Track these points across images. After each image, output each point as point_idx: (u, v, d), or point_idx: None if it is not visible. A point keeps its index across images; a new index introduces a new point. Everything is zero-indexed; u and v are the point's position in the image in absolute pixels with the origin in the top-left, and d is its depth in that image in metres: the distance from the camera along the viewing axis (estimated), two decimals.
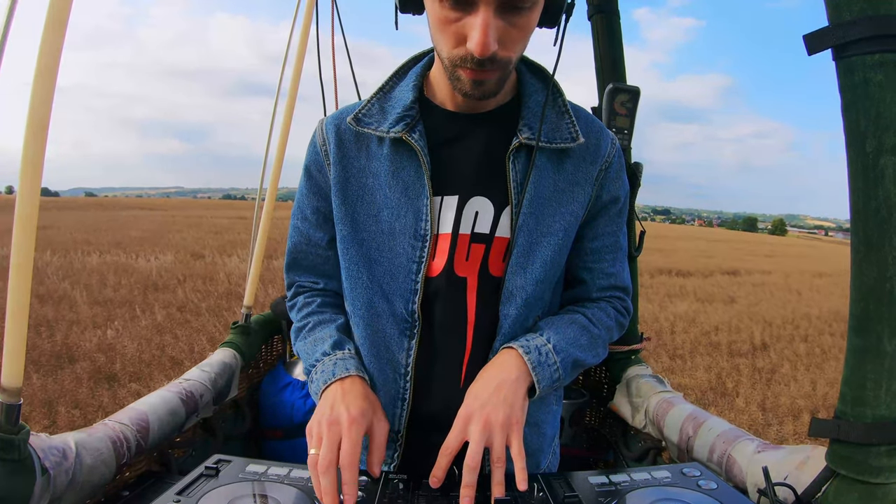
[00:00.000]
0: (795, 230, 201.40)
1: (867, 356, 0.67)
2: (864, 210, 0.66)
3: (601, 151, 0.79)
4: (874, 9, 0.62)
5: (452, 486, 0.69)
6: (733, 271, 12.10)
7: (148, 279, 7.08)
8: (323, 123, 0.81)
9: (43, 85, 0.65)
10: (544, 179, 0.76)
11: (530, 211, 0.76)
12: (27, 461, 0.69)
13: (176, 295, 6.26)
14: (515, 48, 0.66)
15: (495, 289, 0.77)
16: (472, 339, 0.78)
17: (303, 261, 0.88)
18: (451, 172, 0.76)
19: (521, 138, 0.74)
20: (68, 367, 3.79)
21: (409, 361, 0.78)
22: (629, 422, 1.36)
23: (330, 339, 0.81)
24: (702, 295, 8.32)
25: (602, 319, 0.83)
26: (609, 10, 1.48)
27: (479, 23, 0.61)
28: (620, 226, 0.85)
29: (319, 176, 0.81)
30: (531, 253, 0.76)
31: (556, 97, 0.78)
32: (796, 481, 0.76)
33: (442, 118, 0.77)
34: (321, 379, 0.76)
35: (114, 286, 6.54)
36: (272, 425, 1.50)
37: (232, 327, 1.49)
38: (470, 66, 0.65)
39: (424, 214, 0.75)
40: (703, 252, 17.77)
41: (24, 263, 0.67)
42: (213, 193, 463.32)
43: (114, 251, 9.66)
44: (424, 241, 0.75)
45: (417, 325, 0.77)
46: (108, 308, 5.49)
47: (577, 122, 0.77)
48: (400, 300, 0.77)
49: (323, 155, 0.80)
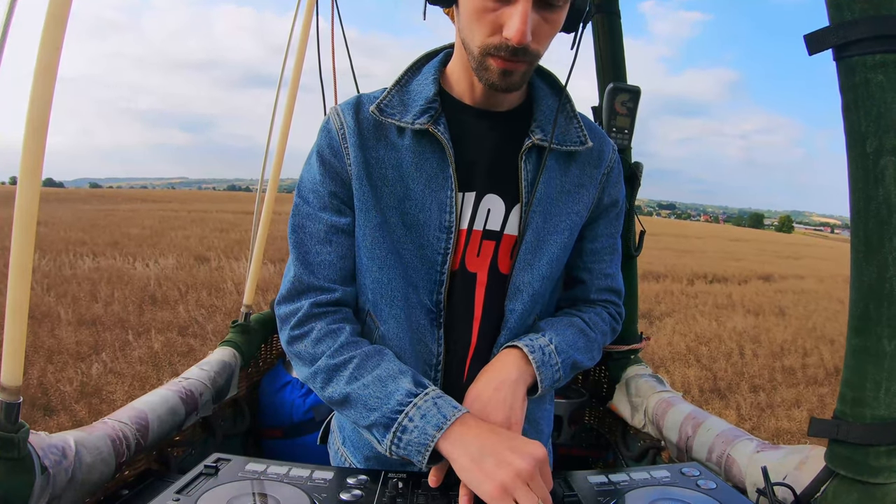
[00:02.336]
0: (801, 227, 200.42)
1: (867, 356, 0.67)
2: (864, 210, 0.66)
3: (604, 156, 0.83)
4: (875, 9, 0.62)
5: (451, 486, 0.69)
6: (767, 276, 11.69)
7: (145, 290, 6.13)
8: (338, 109, 0.78)
9: (43, 80, 0.65)
10: (553, 180, 0.79)
11: (539, 209, 0.78)
12: (27, 460, 0.69)
13: (177, 312, 5.35)
14: (544, 43, 0.69)
15: (502, 285, 0.79)
16: (478, 334, 0.80)
17: (316, 257, 0.77)
18: (471, 169, 0.77)
19: (533, 139, 0.76)
20: (42, 422, 2.97)
21: (440, 351, 0.79)
22: (629, 421, 1.36)
23: (407, 375, 0.71)
24: (750, 306, 7.91)
25: (598, 324, 0.86)
26: (610, 9, 1.48)
27: (520, 12, 0.63)
28: (618, 229, 0.89)
29: (335, 161, 0.76)
30: (538, 250, 0.79)
31: (564, 102, 0.80)
32: (795, 481, 0.76)
33: (461, 113, 0.78)
34: (431, 424, 0.65)
35: (105, 299, 5.59)
36: (272, 424, 1.50)
37: (232, 326, 1.49)
38: (503, 56, 0.67)
39: (448, 207, 0.75)
40: (728, 253, 17.34)
41: (24, 262, 0.67)
42: (218, 184, 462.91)
43: (109, 253, 8.60)
44: (449, 233, 0.76)
45: (443, 315, 0.78)
46: (96, 331, 4.55)
47: (584, 128, 0.80)
48: (425, 291, 0.77)
49: (340, 139, 0.76)
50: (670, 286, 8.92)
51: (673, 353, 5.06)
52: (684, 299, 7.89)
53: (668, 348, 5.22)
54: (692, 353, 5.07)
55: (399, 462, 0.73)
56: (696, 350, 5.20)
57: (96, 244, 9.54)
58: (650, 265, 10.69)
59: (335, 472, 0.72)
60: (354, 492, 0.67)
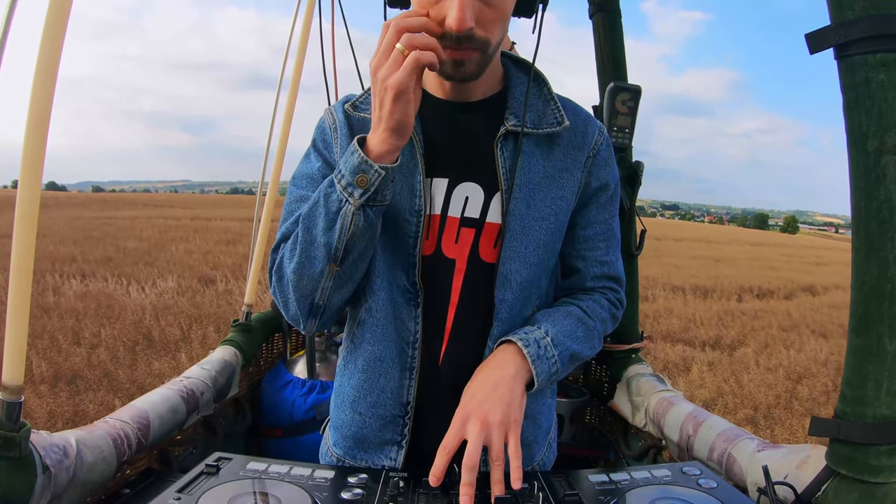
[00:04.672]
0: (805, 227, 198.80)
1: (868, 356, 0.67)
2: (865, 210, 0.66)
3: (588, 139, 0.82)
4: (876, 8, 0.62)
5: (452, 485, 0.70)
6: (809, 287, 10.84)
7: (139, 327, 4.87)
8: (331, 108, 0.85)
9: (44, 79, 0.65)
10: (534, 166, 0.79)
11: (521, 196, 0.78)
12: (28, 459, 0.69)
13: (178, 361, 4.14)
14: (493, 29, 0.69)
15: (487, 274, 0.79)
16: (453, 320, 0.80)
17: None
18: (442, 155, 0.78)
19: (507, 125, 0.77)
20: None
21: (417, 329, 0.80)
22: (629, 420, 1.36)
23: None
24: (814, 326, 7.15)
25: (597, 311, 0.84)
26: (610, 8, 1.48)
27: (456, 1, 0.64)
28: (613, 214, 0.87)
29: (326, 152, 0.83)
30: (524, 237, 0.78)
31: (540, 85, 0.81)
32: (796, 480, 0.76)
33: (432, 105, 0.80)
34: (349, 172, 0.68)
35: (91, 340, 4.43)
36: (273, 423, 1.50)
37: (233, 325, 1.49)
38: (449, 45, 0.67)
39: (418, 192, 0.77)
40: (758, 261, 16.56)
41: (25, 263, 0.67)
42: (221, 187, 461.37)
43: (100, 273, 7.33)
44: (419, 217, 0.77)
45: (421, 294, 0.79)
46: (73, 398, 3.41)
47: (563, 109, 0.80)
48: (402, 273, 0.79)
49: (332, 131, 0.82)
50: (726, 305, 8.14)
51: (778, 400, 4.26)
52: (747, 321, 7.09)
53: (768, 392, 4.36)
54: (795, 398, 4.31)
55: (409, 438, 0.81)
56: (796, 392, 4.43)
57: (87, 261, 8.34)
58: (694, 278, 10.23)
59: (336, 472, 0.72)
60: (355, 491, 0.67)
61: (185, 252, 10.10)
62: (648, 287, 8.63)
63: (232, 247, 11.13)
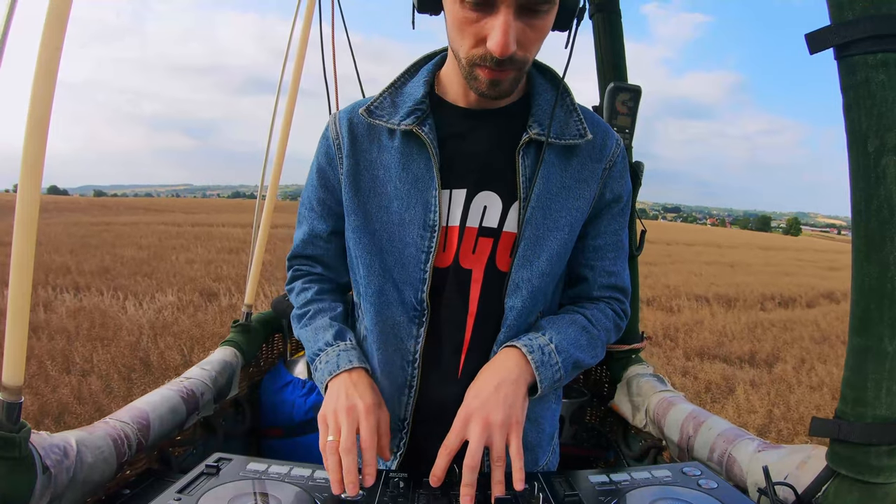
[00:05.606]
0: (808, 228, 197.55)
1: (868, 356, 0.67)
2: (865, 210, 0.66)
3: (606, 150, 0.81)
4: (876, 8, 0.62)
5: (453, 485, 0.70)
6: (829, 294, 10.37)
7: (136, 349, 4.44)
8: (336, 117, 0.83)
9: (44, 81, 0.65)
10: (552, 175, 0.78)
11: (538, 205, 0.77)
12: (28, 459, 0.69)
13: None
14: (532, 49, 0.68)
15: (500, 282, 0.79)
16: (472, 330, 0.80)
17: (304, 249, 0.90)
18: (460, 166, 0.78)
19: (531, 134, 0.76)
20: None
21: (417, 349, 0.80)
22: (630, 421, 1.36)
23: (332, 329, 0.83)
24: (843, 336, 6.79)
25: (601, 321, 0.84)
26: (610, 9, 1.48)
27: (500, 24, 0.62)
28: (623, 225, 0.87)
29: (329, 169, 0.83)
30: (538, 246, 0.78)
31: (564, 96, 0.80)
32: (797, 481, 0.76)
33: (452, 114, 0.79)
34: (326, 369, 0.79)
35: (82, 366, 4.03)
36: (273, 424, 1.50)
37: (233, 325, 1.49)
38: (488, 66, 0.67)
39: (433, 206, 0.76)
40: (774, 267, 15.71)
41: (25, 263, 0.67)
42: (222, 191, 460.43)
43: (96, 286, 6.81)
44: (433, 231, 0.76)
45: (426, 313, 0.78)
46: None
47: (584, 121, 0.79)
48: (409, 289, 0.78)
49: (335, 148, 0.81)
50: (752, 315, 7.72)
51: None
52: (777, 333, 6.76)
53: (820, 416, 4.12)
54: None
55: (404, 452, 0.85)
56: None
57: (82, 272, 7.77)
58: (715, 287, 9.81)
59: None
60: None
61: (186, 262, 9.50)
62: (672, 297, 8.36)
63: (235, 255, 10.52)
